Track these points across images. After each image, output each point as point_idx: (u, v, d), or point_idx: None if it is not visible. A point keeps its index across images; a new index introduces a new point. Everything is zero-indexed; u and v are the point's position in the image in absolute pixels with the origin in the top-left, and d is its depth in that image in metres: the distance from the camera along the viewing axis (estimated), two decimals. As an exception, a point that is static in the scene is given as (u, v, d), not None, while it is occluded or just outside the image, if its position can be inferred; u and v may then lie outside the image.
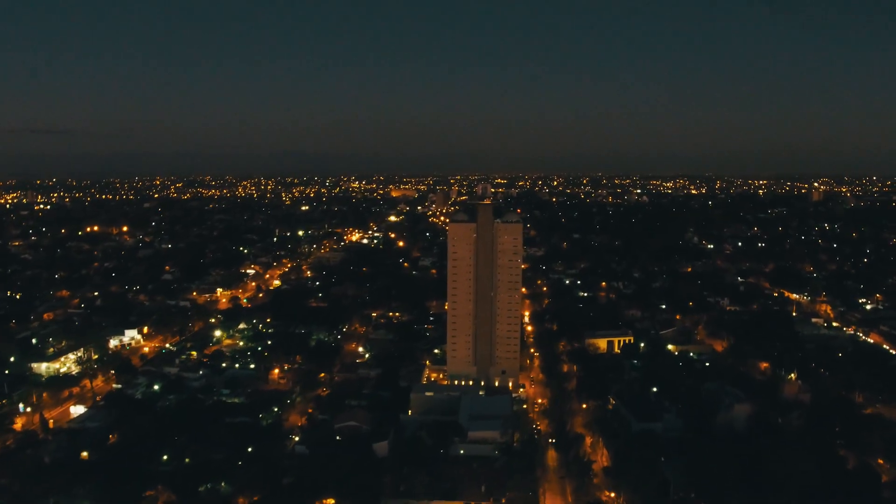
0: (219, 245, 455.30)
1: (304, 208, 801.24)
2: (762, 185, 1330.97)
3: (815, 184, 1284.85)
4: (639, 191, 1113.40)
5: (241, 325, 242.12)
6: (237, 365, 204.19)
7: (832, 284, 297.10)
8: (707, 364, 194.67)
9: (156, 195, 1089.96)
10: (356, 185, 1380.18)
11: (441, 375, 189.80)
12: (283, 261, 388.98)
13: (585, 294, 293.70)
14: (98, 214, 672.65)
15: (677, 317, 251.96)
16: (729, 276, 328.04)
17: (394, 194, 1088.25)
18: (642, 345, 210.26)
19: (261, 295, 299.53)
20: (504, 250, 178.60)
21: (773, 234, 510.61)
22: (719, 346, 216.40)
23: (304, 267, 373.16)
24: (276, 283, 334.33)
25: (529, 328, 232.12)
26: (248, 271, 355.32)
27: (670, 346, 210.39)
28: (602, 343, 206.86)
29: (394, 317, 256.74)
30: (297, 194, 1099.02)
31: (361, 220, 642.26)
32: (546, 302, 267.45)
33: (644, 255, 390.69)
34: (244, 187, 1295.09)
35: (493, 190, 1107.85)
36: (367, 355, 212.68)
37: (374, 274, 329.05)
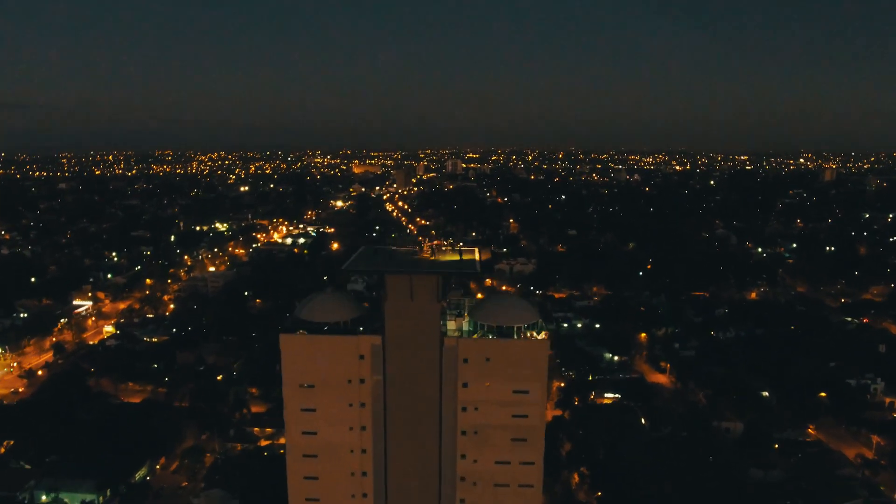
0: (86, 249, 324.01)
1: (242, 189, 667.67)
2: (744, 160, 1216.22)
3: (801, 160, 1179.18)
4: (620, 166, 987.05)
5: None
6: None
7: None
8: None
9: (97, 171, 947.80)
10: (320, 160, 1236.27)
11: None
12: (147, 281, 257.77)
13: (616, 357, 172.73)
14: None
15: (810, 430, 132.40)
16: (833, 315, 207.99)
17: (355, 171, 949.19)
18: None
19: (41, 373, 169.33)
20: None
21: (824, 227, 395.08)
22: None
23: (167, 297, 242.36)
24: (109, 329, 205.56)
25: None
26: (83, 302, 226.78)
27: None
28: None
29: (262, 434, 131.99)
30: (253, 170, 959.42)
31: (299, 207, 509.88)
32: (556, 394, 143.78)
33: (677, 266, 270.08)
34: (201, 163, 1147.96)
35: (464, 165, 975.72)
36: None
37: (265, 315, 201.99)
